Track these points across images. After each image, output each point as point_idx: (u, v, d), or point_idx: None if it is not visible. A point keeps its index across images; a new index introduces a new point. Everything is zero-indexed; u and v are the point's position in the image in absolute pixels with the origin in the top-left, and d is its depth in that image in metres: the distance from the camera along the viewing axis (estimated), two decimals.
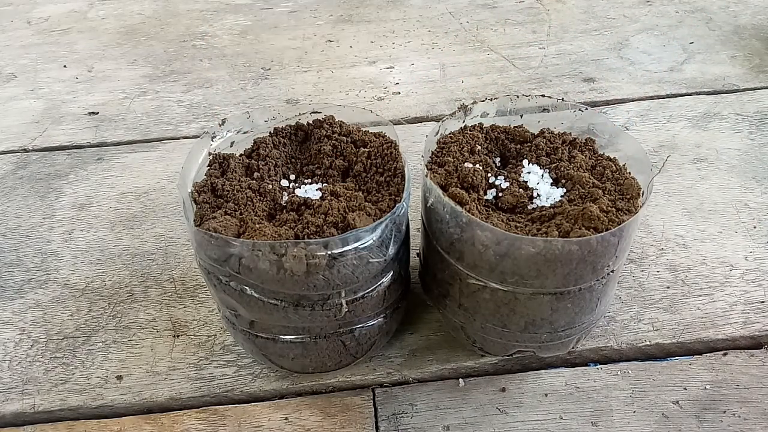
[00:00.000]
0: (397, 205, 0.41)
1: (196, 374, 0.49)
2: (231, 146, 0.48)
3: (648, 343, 0.50)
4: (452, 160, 0.44)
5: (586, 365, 0.49)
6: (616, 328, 0.51)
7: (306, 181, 0.46)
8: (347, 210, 0.41)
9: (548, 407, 0.46)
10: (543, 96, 0.49)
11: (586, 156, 0.46)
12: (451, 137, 0.47)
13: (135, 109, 0.80)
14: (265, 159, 0.46)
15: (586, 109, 0.48)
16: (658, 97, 0.77)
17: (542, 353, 0.46)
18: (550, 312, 0.42)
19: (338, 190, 0.43)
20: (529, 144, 0.47)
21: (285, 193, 0.44)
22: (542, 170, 0.45)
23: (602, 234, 0.38)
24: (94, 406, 0.48)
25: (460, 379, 0.48)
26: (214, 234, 0.38)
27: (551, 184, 0.44)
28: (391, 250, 0.41)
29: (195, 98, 0.81)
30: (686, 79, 0.79)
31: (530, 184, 0.44)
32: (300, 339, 0.44)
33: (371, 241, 0.39)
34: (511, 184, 0.44)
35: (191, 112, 0.78)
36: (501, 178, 0.45)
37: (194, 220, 0.41)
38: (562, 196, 0.43)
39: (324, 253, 0.38)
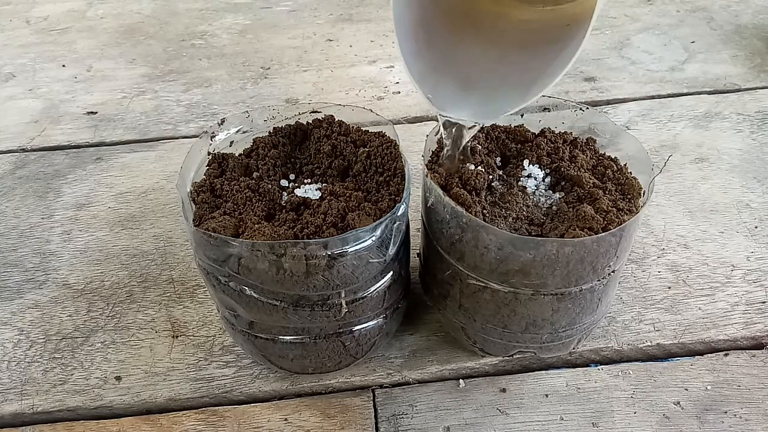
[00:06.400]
0: (397, 205, 0.41)
1: (195, 375, 0.49)
2: (230, 146, 0.48)
3: (649, 343, 0.50)
4: None
5: (587, 366, 0.49)
6: (617, 328, 0.51)
7: (305, 180, 0.46)
8: (347, 210, 0.41)
9: (549, 408, 0.46)
10: (543, 95, 0.49)
11: (587, 156, 0.46)
12: None
13: (134, 108, 0.79)
14: (264, 159, 0.46)
15: (587, 108, 0.48)
16: (660, 96, 0.76)
17: (543, 354, 0.46)
18: (551, 312, 0.42)
19: (338, 189, 0.43)
20: (529, 143, 0.47)
21: (284, 193, 0.44)
22: (542, 170, 0.45)
23: (600, 234, 0.38)
24: (93, 407, 0.47)
25: (461, 380, 0.48)
26: (213, 234, 0.38)
27: (552, 184, 0.44)
28: (391, 250, 0.41)
29: (194, 98, 0.81)
30: (687, 78, 0.79)
31: (530, 185, 0.44)
32: (300, 339, 0.43)
33: (371, 241, 0.39)
34: (512, 184, 0.44)
35: (190, 112, 0.78)
36: (501, 178, 0.44)
37: (193, 220, 0.41)
38: (562, 197, 0.43)
39: (323, 254, 0.37)
